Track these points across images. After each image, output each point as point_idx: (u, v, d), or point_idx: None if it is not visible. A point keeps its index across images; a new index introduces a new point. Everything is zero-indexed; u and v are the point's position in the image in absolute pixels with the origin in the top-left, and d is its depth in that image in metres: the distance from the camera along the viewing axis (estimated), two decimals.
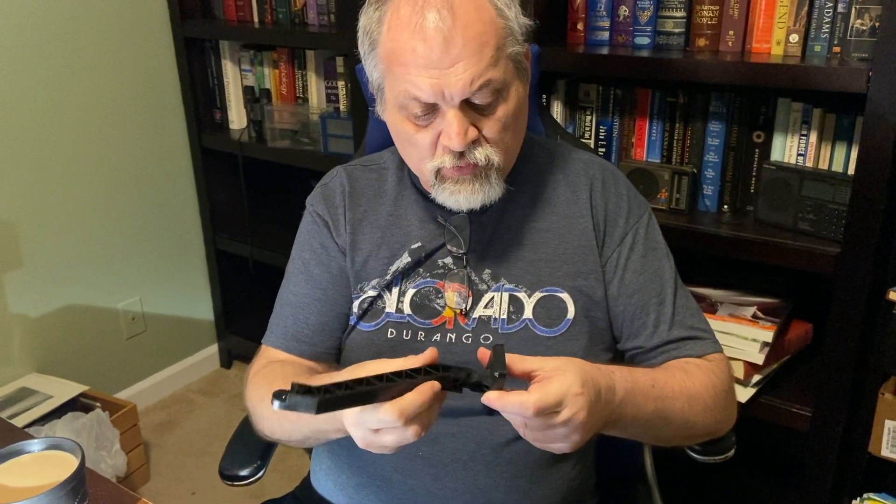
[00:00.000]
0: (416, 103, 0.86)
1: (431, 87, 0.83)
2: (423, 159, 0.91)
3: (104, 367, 2.25)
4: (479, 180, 0.90)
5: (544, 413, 0.73)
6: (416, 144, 0.90)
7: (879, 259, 1.31)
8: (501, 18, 0.86)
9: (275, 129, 2.16)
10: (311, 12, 2.05)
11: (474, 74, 0.83)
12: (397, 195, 1.02)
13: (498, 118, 0.87)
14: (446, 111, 0.85)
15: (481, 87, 0.84)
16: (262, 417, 0.96)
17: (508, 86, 0.87)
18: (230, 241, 2.41)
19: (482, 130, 0.88)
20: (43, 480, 0.77)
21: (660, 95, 1.56)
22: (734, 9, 1.43)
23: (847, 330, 1.33)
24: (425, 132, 0.88)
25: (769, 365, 1.49)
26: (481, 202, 0.92)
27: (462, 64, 0.82)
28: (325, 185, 1.06)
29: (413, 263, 0.99)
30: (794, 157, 1.45)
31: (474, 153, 0.87)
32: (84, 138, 2.09)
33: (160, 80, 2.25)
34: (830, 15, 1.35)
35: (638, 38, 1.54)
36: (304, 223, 1.06)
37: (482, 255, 0.99)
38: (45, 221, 2.04)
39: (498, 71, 0.85)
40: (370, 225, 1.01)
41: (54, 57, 1.99)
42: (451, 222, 0.99)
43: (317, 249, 1.03)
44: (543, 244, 0.99)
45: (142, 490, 2.03)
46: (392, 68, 0.86)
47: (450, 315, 0.97)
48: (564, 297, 0.97)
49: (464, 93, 0.83)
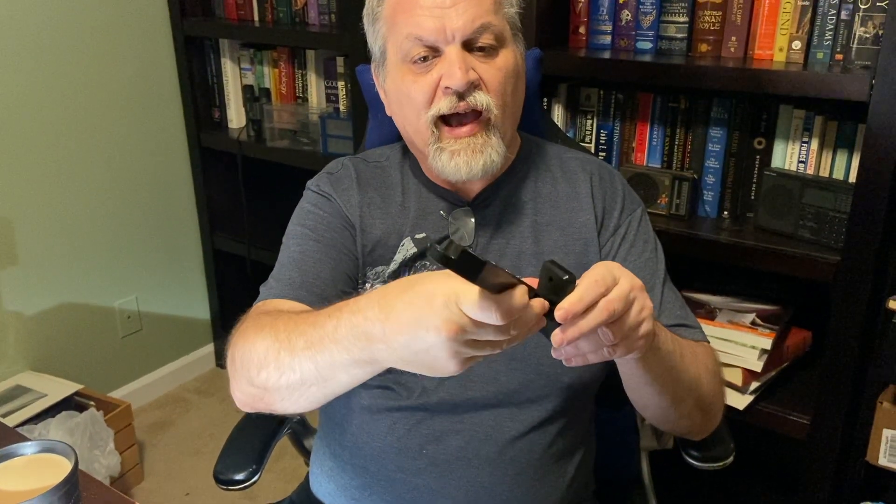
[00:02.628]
0: (418, 45, 0.89)
1: (434, 25, 0.87)
2: (422, 111, 0.91)
3: (99, 365, 2.24)
4: (478, 139, 0.90)
5: (629, 300, 0.69)
6: (415, 95, 0.90)
7: (879, 267, 1.30)
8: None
9: (274, 128, 2.15)
10: (312, 12, 2.04)
11: (476, 14, 0.87)
12: (404, 188, 1.03)
13: (498, 67, 0.90)
14: (447, 52, 0.88)
15: (483, 29, 0.88)
16: (254, 347, 0.79)
17: (506, 40, 0.91)
18: (228, 240, 2.40)
19: (484, 77, 0.90)
20: (36, 484, 0.76)
21: (661, 100, 1.55)
22: (737, 15, 1.43)
23: (846, 338, 1.33)
24: (425, 78, 0.90)
25: (768, 372, 1.48)
26: (483, 167, 0.91)
27: (463, 4, 0.87)
28: (332, 172, 1.04)
29: (419, 254, 0.99)
30: (796, 165, 1.45)
31: (474, 95, 0.89)
32: (82, 135, 2.08)
33: (159, 77, 2.24)
34: (833, 22, 1.34)
35: (640, 42, 1.54)
36: (305, 200, 1.02)
37: (485, 249, 0.99)
38: (41, 218, 2.03)
39: (498, 18, 0.90)
40: (379, 211, 1.01)
41: (52, 54, 1.98)
42: (455, 216, 0.99)
43: (323, 217, 0.99)
44: (545, 237, 1.00)
45: (136, 490, 2.02)
46: (395, 19, 0.90)
47: None
48: None
49: (465, 31, 0.87)
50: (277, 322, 0.78)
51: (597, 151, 1.64)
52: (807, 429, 1.42)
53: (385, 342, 0.66)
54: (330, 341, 0.71)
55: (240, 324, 0.87)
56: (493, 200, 1.00)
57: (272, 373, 0.77)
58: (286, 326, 0.77)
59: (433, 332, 0.62)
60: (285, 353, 0.75)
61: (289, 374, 0.76)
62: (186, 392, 2.45)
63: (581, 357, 0.71)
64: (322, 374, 0.74)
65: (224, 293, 2.50)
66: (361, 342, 0.68)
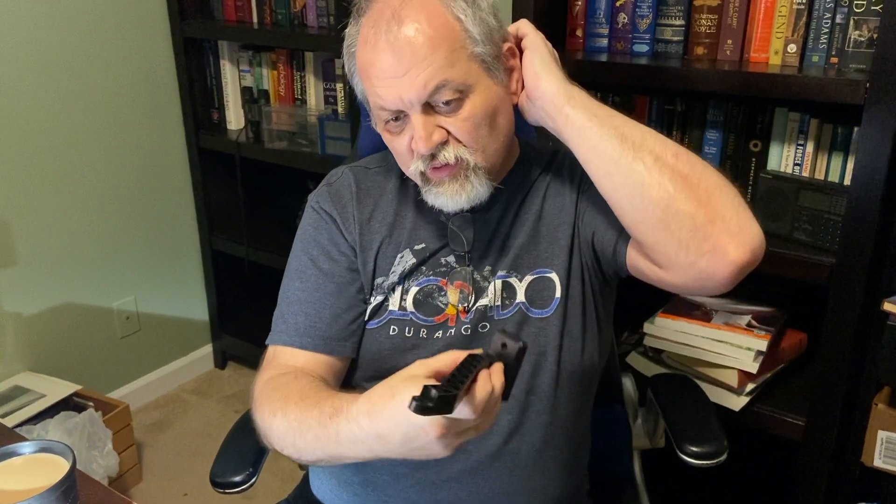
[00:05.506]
0: (385, 112, 0.91)
1: (390, 95, 0.88)
2: (406, 164, 0.95)
3: (98, 366, 2.24)
4: (458, 180, 0.93)
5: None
6: (396, 150, 0.95)
7: (874, 270, 1.31)
8: (457, 22, 0.89)
9: (272, 130, 2.16)
10: (311, 14, 2.05)
11: (427, 77, 0.87)
12: (401, 196, 1.04)
13: (465, 118, 0.90)
14: (411, 116, 0.90)
15: (438, 89, 0.87)
16: (272, 431, 0.89)
17: (474, 85, 0.90)
18: (226, 241, 2.40)
19: (451, 131, 0.90)
20: (34, 484, 0.77)
21: (657, 103, 1.56)
22: (733, 18, 1.44)
23: (841, 340, 1.33)
24: (400, 138, 0.93)
25: (763, 374, 1.49)
26: (467, 202, 0.94)
27: (414, 70, 0.86)
28: (331, 184, 1.06)
29: (417, 263, 1.00)
30: (791, 167, 1.45)
31: (443, 153, 0.91)
32: (81, 136, 2.09)
33: (158, 79, 2.25)
34: (829, 26, 1.35)
35: (636, 45, 1.54)
36: (307, 221, 1.05)
37: (484, 254, 1.00)
38: (40, 219, 2.03)
39: (455, 71, 0.88)
40: (377, 223, 1.02)
41: (51, 55, 1.99)
42: (454, 222, 1.00)
43: (325, 245, 1.02)
44: (543, 239, 1.01)
45: (134, 490, 2.02)
46: (365, 82, 0.92)
47: (452, 312, 0.99)
48: (553, 276, 0.99)
49: (420, 96, 0.87)
50: (287, 407, 0.87)
51: None
52: (802, 430, 1.43)
53: (382, 448, 0.77)
54: (334, 443, 0.80)
55: (259, 374, 0.97)
56: (493, 205, 1.01)
57: (293, 453, 0.87)
58: (296, 416, 0.85)
59: (423, 436, 0.72)
60: (300, 441, 0.85)
61: (307, 455, 0.86)
62: (185, 393, 2.46)
63: None
64: (336, 458, 0.84)
65: (222, 294, 2.50)
66: (361, 447, 0.79)
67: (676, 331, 1.52)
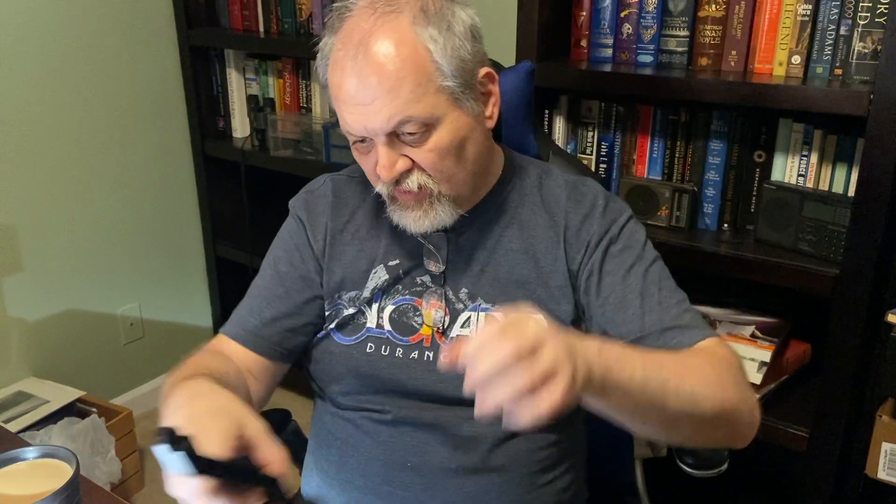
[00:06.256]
0: (351, 135, 0.90)
1: (355, 122, 0.87)
2: (373, 182, 0.95)
3: (101, 372, 2.24)
4: (422, 206, 0.92)
5: (521, 349, 0.63)
6: (364, 168, 0.95)
7: (878, 281, 1.31)
8: (426, 52, 0.85)
9: (278, 138, 2.17)
10: (317, 22, 2.06)
11: (392, 112, 0.85)
12: (378, 210, 1.02)
13: (430, 149, 0.88)
14: (376, 144, 0.89)
15: (401, 123, 0.86)
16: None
17: (441, 118, 0.87)
18: (231, 248, 2.41)
19: (416, 160, 0.89)
20: (37, 489, 0.77)
21: (662, 113, 1.57)
22: (737, 29, 1.44)
23: (845, 351, 1.33)
24: (367, 158, 0.92)
25: (767, 384, 1.49)
26: (430, 227, 0.94)
27: (379, 101, 0.85)
28: (311, 191, 1.08)
29: (391, 280, 1.00)
30: (795, 178, 1.45)
31: (407, 181, 0.90)
32: (86, 143, 2.10)
33: (164, 86, 2.26)
34: (833, 37, 1.35)
35: (641, 55, 1.55)
36: (285, 223, 1.09)
37: (460, 275, 0.99)
38: (46, 225, 2.04)
39: (421, 107, 0.85)
40: (350, 236, 1.03)
41: (58, 62, 2.00)
42: (430, 241, 0.99)
43: (290, 249, 1.05)
44: (520, 266, 0.98)
45: (136, 497, 2.02)
46: (333, 101, 0.91)
47: (427, 333, 0.98)
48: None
49: (384, 129, 0.86)
50: (176, 376, 0.89)
51: (597, 163, 1.65)
52: (806, 441, 1.42)
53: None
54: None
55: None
56: (470, 226, 0.99)
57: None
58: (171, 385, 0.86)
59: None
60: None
61: None
62: None
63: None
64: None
65: (226, 301, 2.51)
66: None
67: None
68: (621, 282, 0.95)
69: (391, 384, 0.98)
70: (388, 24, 0.85)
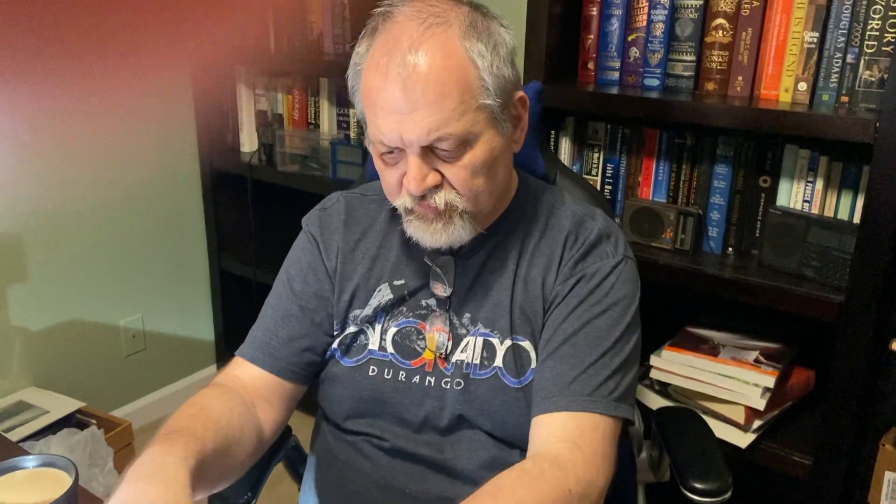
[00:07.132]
0: (382, 145, 0.88)
1: (391, 130, 0.85)
2: (393, 195, 0.93)
3: (102, 383, 2.24)
4: (441, 221, 0.90)
5: None
6: (386, 181, 0.92)
7: (883, 308, 1.30)
8: (474, 68, 0.84)
9: (285, 153, 2.18)
10: (327, 41, 2.08)
11: (432, 125, 0.83)
12: (389, 229, 1.02)
13: (463, 165, 0.87)
14: (408, 155, 0.86)
15: (438, 140, 0.84)
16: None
17: (477, 136, 0.86)
18: (235, 262, 2.41)
19: (446, 175, 0.87)
20: (36, 498, 0.77)
21: (668, 136, 1.57)
22: (744, 55, 1.45)
23: (849, 379, 1.32)
24: (393, 170, 0.90)
25: (770, 411, 1.48)
26: (446, 242, 0.92)
27: (422, 112, 0.82)
28: (325, 209, 1.07)
29: (396, 300, 0.99)
30: (800, 203, 1.45)
31: (434, 198, 0.88)
32: (93, 153, 2.11)
33: (173, 99, 2.28)
34: (839, 65, 1.36)
35: (648, 79, 1.56)
36: (297, 241, 1.07)
37: (465, 299, 0.98)
38: (50, 235, 2.05)
39: (461, 124, 0.84)
40: (361, 254, 1.02)
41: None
42: (437, 263, 0.99)
43: (304, 268, 1.03)
44: (519, 292, 0.97)
45: None
46: (366, 106, 0.88)
47: (430, 357, 0.97)
48: (527, 346, 0.96)
49: (421, 141, 0.84)
50: (168, 426, 0.85)
51: (603, 184, 1.65)
52: (808, 469, 1.41)
53: None
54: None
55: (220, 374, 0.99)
56: (478, 250, 0.98)
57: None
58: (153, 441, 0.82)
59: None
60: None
61: None
62: None
63: None
64: None
65: (229, 315, 2.51)
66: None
67: (683, 364, 1.51)
68: (562, 319, 0.94)
69: (392, 408, 0.97)
70: (437, 35, 0.83)
